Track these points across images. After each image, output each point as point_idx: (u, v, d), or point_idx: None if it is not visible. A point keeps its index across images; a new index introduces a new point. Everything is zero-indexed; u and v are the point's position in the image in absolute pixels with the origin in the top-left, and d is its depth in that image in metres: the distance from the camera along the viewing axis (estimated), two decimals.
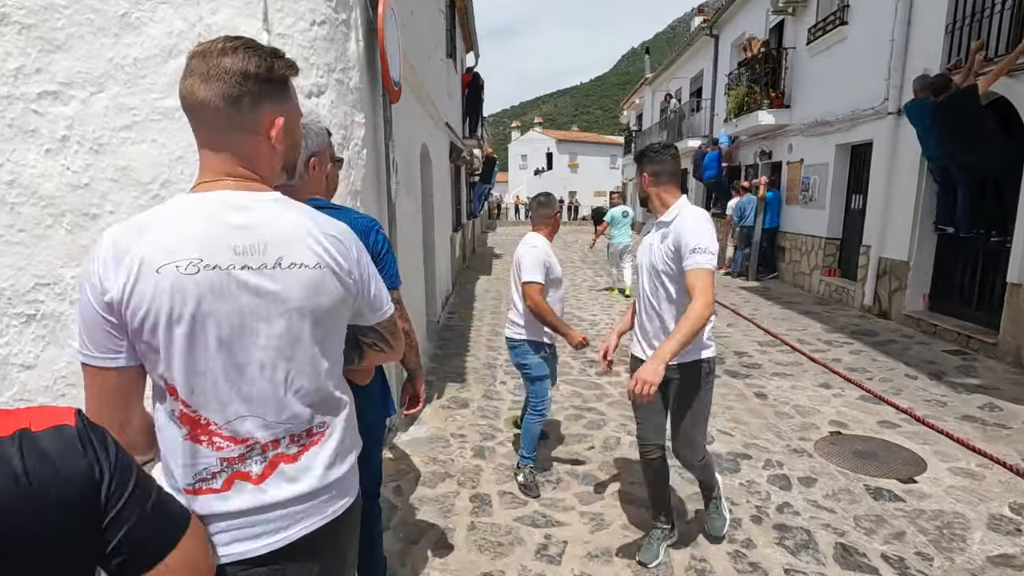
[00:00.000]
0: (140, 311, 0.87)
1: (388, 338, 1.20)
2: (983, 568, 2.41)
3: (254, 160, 0.96)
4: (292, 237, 0.94)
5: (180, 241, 0.88)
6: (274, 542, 0.97)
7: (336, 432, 1.05)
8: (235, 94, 0.90)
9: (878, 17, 7.10)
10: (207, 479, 0.93)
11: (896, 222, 6.89)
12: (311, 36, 2.55)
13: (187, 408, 0.92)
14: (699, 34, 15.13)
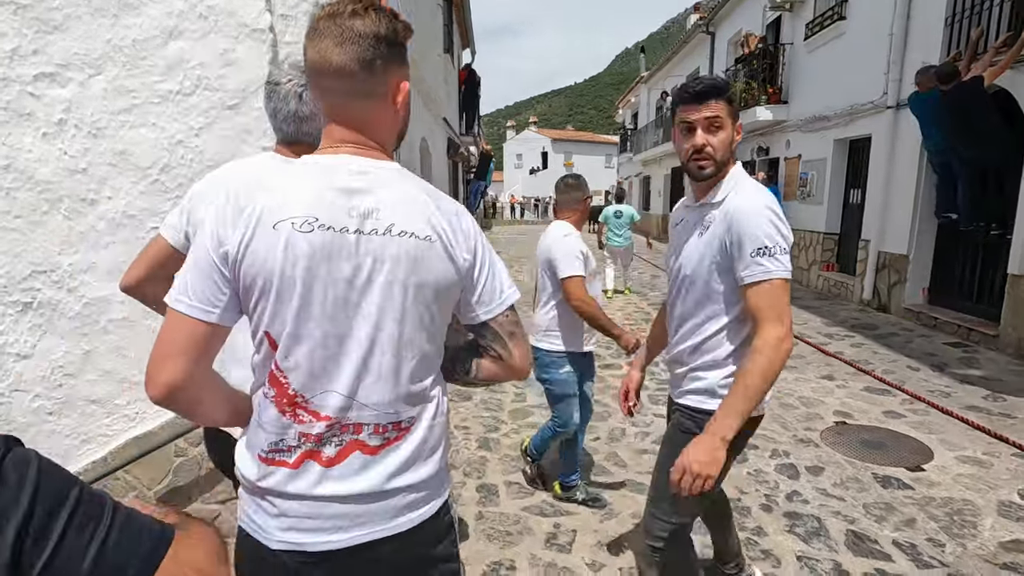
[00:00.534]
0: (255, 265, 0.86)
1: (506, 340, 1.04)
2: (995, 554, 2.40)
3: (377, 127, 0.95)
4: (407, 206, 0.92)
5: (298, 200, 0.87)
6: (331, 541, 0.92)
7: (420, 429, 0.98)
8: (368, 57, 0.88)
9: (877, 11, 7.11)
10: (282, 451, 0.91)
11: (895, 216, 6.89)
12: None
13: (279, 372, 0.90)
14: (695, 31, 15.16)
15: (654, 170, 20.55)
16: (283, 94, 1.28)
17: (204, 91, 2.45)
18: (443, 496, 1.04)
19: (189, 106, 2.45)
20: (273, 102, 1.30)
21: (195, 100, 2.45)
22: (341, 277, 0.87)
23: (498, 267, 1.03)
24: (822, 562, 2.36)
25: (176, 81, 2.40)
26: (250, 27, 2.43)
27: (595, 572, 2.30)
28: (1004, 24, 5.30)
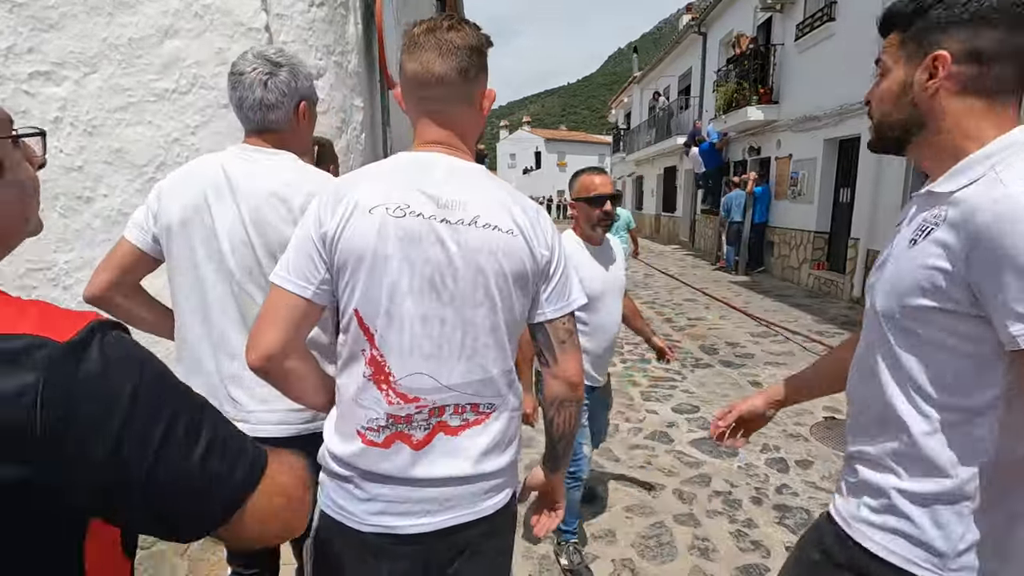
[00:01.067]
0: (350, 245, 0.93)
1: (555, 347, 1.05)
2: None
3: (466, 130, 1.04)
4: (492, 200, 0.98)
5: (392, 189, 0.95)
6: (421, 524, 0.97)
7: (501, 419, 1.02)
8: (464, 67, 0.97)
9: (865, 12, 7.19)
10: (373, 429, 0.96)
11: (884, 215, 6.99)
12: (310, 17, 2.52)
13: (376, 351, 0.95)
14: (687, 32, 15.26)
15: (647, 170, 20.65)
16: (248, 83, 1.27)
17: (200, 89, 2.46)
18: (516, 486, 1.10)
19: (185, 104, 2.47)
20: (238, 91, 1.29)
21: (191, 98, 2.46)
22: (430, 261, 0.93)
23: (571, 270, 1.06)
24: None
25: (172, 79, 2.41)
26: (246, 26, 2.44)
27: (589, 562, 2.33)
28: None
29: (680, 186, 16.69)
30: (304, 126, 1.36)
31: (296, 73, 1.31)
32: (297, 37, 2.52)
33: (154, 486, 0.55)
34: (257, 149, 1.31)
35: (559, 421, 1.09)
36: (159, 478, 0.55)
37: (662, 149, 16.78)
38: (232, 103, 1.33)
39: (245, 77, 1.27)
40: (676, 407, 4.08)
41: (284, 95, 1.28)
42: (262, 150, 1.31)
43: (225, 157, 1.32)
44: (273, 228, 1.24)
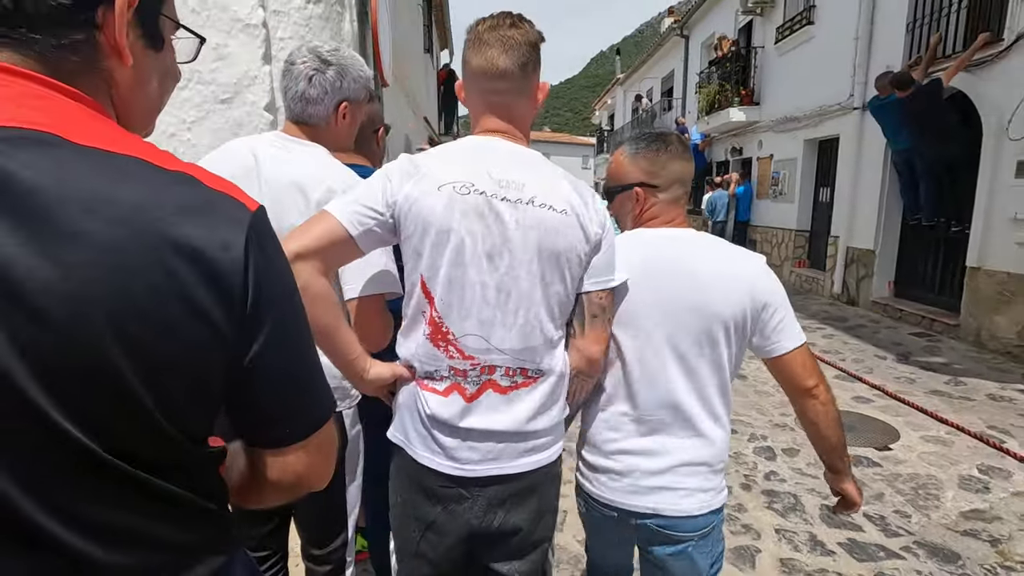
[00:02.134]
0: (419, 219, 1.01)
1: (586, 317, 1.11)
2: (956, 522, 2.57)
3: (523, 120, 1.12)
4: (548, 184, 1.06)
5: (460, 168, 1.04)
6: (466, 468, 1.06)
7: (547, 384, 1.09)
8: (524, 61, 1.05)
9: (843, 16, 7.40)
10: (435, 379, 1.06)
11: (862, 213, 7.18)
12: (307, 14, 2.55)
13: (436, 313, 1.04)
14: (670, 35, 15.46)
15: None
16: (295, 74, 1.33)
17: (197, 85, 2.48)
18: (559, 447, 1.15)
19: (182, 100, 2.48)
20: (286, 80, 1.36)
21: (188, 94, 2.48)
22: (489, 235, 1.01)
23: (615, 252, 1.13)
24: (799, 534, 2.50)
25: None
26: (243, 22, 2.47)
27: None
28: (962, 30, 5.59)
29: None
30: (343, 126, 1.41)
31: (344, 74, 1.35)
32: (294, 33, 2.55)
33: (282, 369, 0.60)
34: (291, 139, 1.36)
35: (572, 389, 1.16)
36: (289, 363, 0.61)
37: None
38: (281, 89, 1.40)
39: (295, 68, 1.34)
40: None
41: (326, 93, 1.34)
42: (296, 140, 1.36)
43: (258, 142, 1.36)
44: (289, 217, 1.27)
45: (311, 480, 0.68)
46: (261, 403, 0.61)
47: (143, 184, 0.52)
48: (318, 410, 0.65)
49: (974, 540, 2.44)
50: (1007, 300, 5.00)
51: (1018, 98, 4.80)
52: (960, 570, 2.25)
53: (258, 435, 0.64)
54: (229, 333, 0.54)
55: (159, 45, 0.62)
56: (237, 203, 0.57)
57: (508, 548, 1.13)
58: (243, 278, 0.54)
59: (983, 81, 5.27)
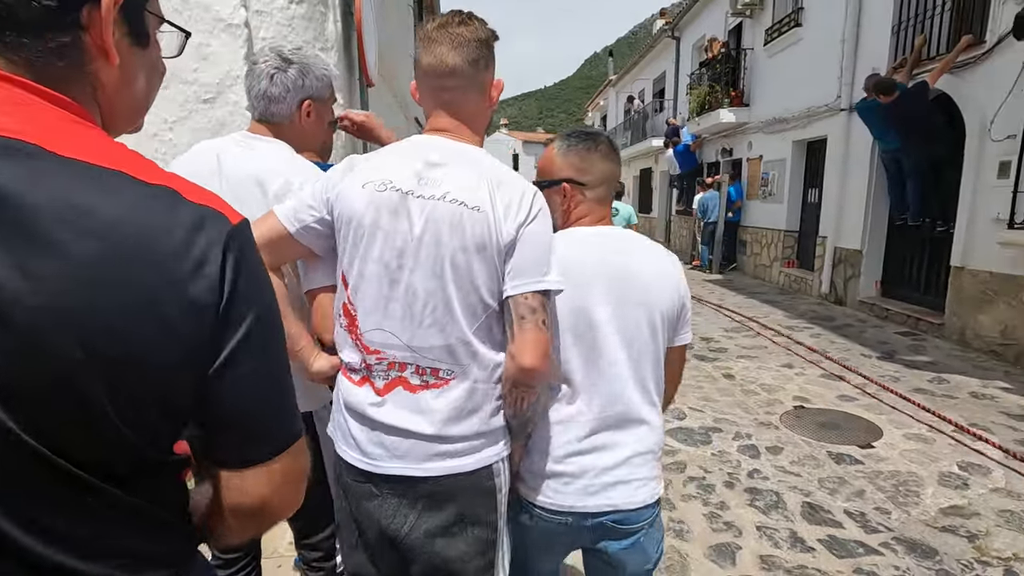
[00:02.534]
0: (343, 215, 1.07)
1: (513, 324, 1.01)
2: (935, 518, 2.60)
3: (475, 117, 1.12)
4: (468, 180, 1.04)
5: (385, 167, 1.07)
6: (374, 464, 1.06)
7: (462, 387, 1.04)
8: (475, 58, 1.06)
9: (830, 19, 7.46)
10: (353, 369, 1.09)
11: (850, 213, 7.24)
12: (289, 14, 2.55)
13: (351, 306, 1.07)
14: (661, 36, 15.52)
15: (623, 172, 20.89)
16: (257, 73, 1.36)
17: (179, 84, 2.47)
18: (483, 456, 1.06)
19: (163, 99, 2.47)
20: (249, 79, 1.38)
21: (169, 93, 2.47)
22: (399, 232, 1.02)
23: (549, 255, 1.04)
24: (779, 531, 2.52)
25: None
26: (226, 21, 2.46)
27: None
28: (945, 32, 5.66)
29: (656, 187, 16.96)
30: (308, 124, 1.42)
31: (306, 72, 1.38)
32: (277, 33, 2.55)
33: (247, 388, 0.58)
34: (255, 136, 1.38)
35: (510, 401, 1.07)
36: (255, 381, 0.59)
37: (638, 151, 17.03)
38: (245, 88, 1.42)
39: (256, 67, 1.36)
40: None
41: (288, 91, 1.36)
42: (259, 137, 1.38)
43: (223, 142, 1.39)
44: (247, 210, 1.28)
45: (275, 506, 0.64)
46: (222, 419, 0.59)
47: (122, 198, 0.51)
48: (284, 432, 0.63)
49: (952, 536, 2.47)
50: (990, 299, 5.05)
51: (1000, 99, 4.85)
52: (938, 565, 2.28)
53: (219, 453, 0.61)
54: (199, 348, 0.54)
55: (145, 42, 0.62)
56: (218, 216, 0.57)
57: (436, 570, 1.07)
58: (217, 295, 0.54)
59: (966, 83, 5.33)
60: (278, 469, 0.62)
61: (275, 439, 0.62)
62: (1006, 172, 4.78)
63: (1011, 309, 4.84)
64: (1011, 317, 4.84)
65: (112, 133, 0.62)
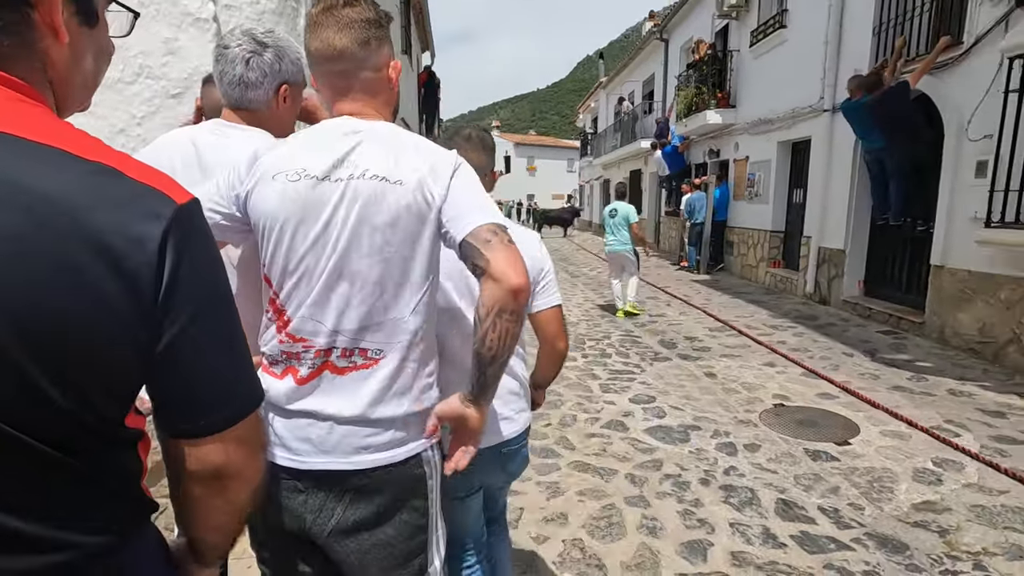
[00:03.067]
0: (256, 209, 1.03)
1: (482, 249, 0.94)
2: (908, 514, 2.60)
3: (376, 96, 1.09)
4: (384, 153, 1.02)
5: (296, 155, 1.03)
6: (298, 460, 1.02)
7: (391, 366, 1.02)
8: (364, 38, 1.03)
9: (813, 21, 7.52)
10: (275, 361, 1.05)
11: (833, 214, 7.29)
12: (259, 8, 2.53)
13: (276, 300, 1.05)
14: (650, 39, 15.60)
15: (614, 173, 20.97)
16: (231, 57, 1.30)
17: (146, 79, 2.45)
18: (413, 446, 1.05)
19: (131, 94, 2.45)
20: (220, 64, 1.31)
21: (137, 88, 2.44)
22: (319, 218, 1.00)
23: (482, 198, 1.03)
24: (752, 527, 2.51)
25: (116, 69, 2.39)
26: (194, 16, 2.44)
27: (540, 544, 2.39)
28: (925, 33, 5.71)
29: (645, 189, 17.01)
30: (284, 109, 1.38)
31: (282, 56, 1.33)
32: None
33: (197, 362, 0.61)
34: (231, 125, 1.33)
35: (493, 336, 0.93)
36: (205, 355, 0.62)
37: (628, 153, 17.09)
38: (214, 75, 1.35)
39: (229, 51, 1.30)
40: (633, 398, 4.18)
41: (265, 75, 1.31)
42: (236, 126, 1.33)
43: (197, 131, 1.35)
44: None
45: (231, 474, 0.68)
46: (174, 393, 0.62)
47: (59, 174, 0.51)
48: (238, 404, 0.66)
49: (924, 531, 2.48)
50: (968, 298, 5.10)
51: (977, 99, 4.91)
52: (908, 560, 2.29)
53: (174, 424, 0.65)
54: (138, 325, 0.55)
55: (93, 21, 0.62)
56: (161, 196, 0.57)
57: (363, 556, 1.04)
58: (155, 272, 0.55)
59: (944, 83, 5.39)
60: (233, 438, 0.66)
61: (228, 412, 0.65)
62: (983, 171, 4.83)
63: (989, 307, 4.89)
64: (989, 315, 4.89)
65: (63, 113, 0.64)
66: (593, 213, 25.80)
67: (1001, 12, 4.72)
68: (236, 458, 0.67)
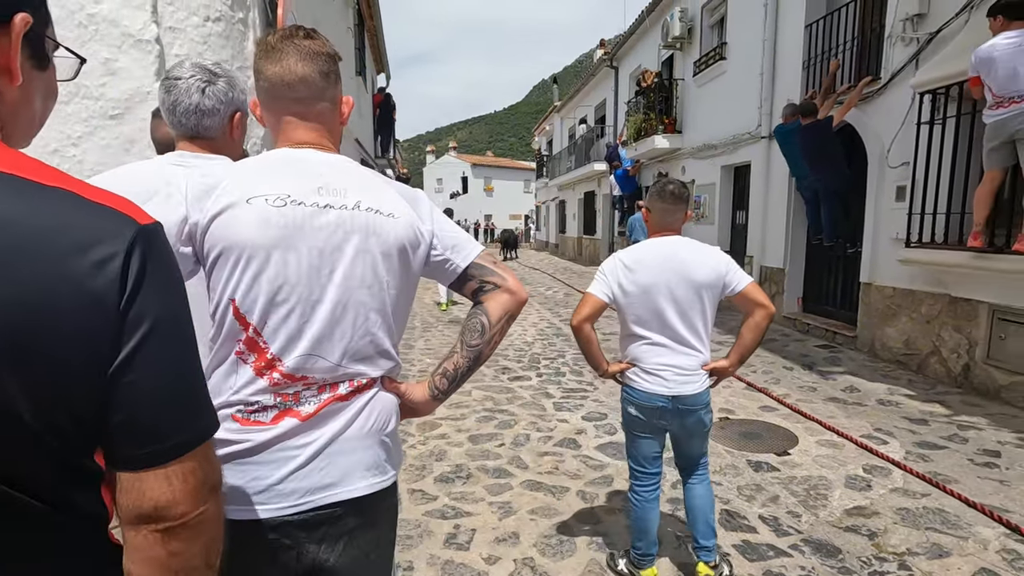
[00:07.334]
0: (224, 238, 0.94)
1: (494, 268, 1.14)
2: (841, 519, 2.75)
3: (331, 129, 1.10)
4: (370, 188, 1.04)
5: (271, 179, 0.98)
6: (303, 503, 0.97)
7: (382, 391, 1.07)
8: (325, 70, 1.05)
9: (750, 54, 8.00)
10: (264, 408, 0.97)
11: (772, 234, 7.68)
12: (205, 32, 2.52)
13: (255, 334, 0.96)
14: (601, 66, 16.16)
15: (569, 195, 21.41)
16: (184, 87, 1.31)
17: (83, 99, 2.38)
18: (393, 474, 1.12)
19: (67, 114, 2.38)
20: (173, 95, 1.32)
21: (72, 108, 2.38)
22: (315, 247, 0.97)
23: (459, 229, 1.15)
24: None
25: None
26: (135, 37, 2.41)
27: (491, 565, 2.39)
28: (848, 68, 6.17)
29: (599, 210, 17.44)
30: (237, 136, 1.42)
31: (233, 85, 1.37)
32: (191, 51, 2.51)
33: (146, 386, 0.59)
34: (192, 155, 1.34)
35: (498, 338, 1.13)
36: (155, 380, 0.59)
37: (582, 175, 17.51)
38: (164, 107, 1.36)
39: (182, 82, 1.32)
40: (586, 415, 4.25)
41: (221, 103, 1.34)
42: (200, 156, 1.34)
43: (161, 164, 1.34)
44: None
45: (176, 515, 0.60)
46: (120, 415, 0.58)
47: (16, 200, 0.53)
48: (185, 434, 0.62)
49: (855, 535, 2.62)
50: (894, 313, 5.46)
51: (895, 129, 5.33)
52: (840, 563, 2.41)
53: (116, 452, 0.60)
54: (100, 345, 0.55)
55: (45, 64, 0.64)
56: (122, 217, 0.58)
57: None
58: (119, 293, 0.55)
59: (867, 115, 5.82)
60: (178, 472, 0.60)
61: (175, 441, 0.61)
62: (902, 196, 5.22)
63: (912, 322, 5.24)
64: (912, 329, 5.24)
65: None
66: (550, 233, 26.16)
67: (912, 51, 5.17)
68: (181, 496, 0.60)
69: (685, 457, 2.30)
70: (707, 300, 2.08)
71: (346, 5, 8.16)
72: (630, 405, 2.18)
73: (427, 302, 9.87)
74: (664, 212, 2.18)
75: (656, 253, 2.12)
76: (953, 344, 4.81)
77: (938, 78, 4.56)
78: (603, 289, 2.17)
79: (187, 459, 0.61)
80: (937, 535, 2.59)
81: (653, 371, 2.11)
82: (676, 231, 2.20)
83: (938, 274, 4.79)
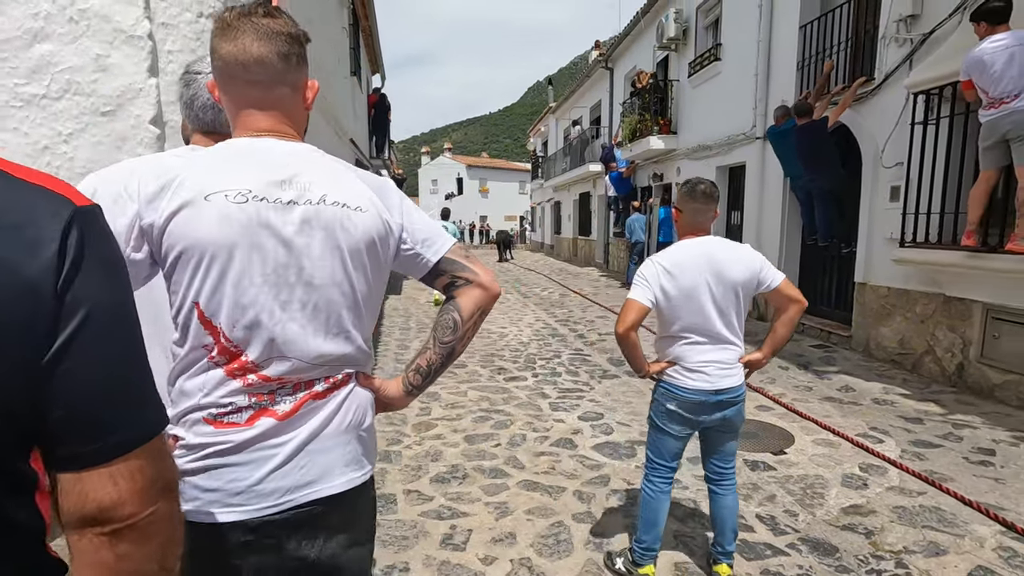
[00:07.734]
0: (182, 237, 0.88)
1: (466, 263, 1.11)
2: (837, 518, 2.75)
3: (293, 116, 1.03)
4: (336, 180, 0.99)
5: (230, 172, 0.92)
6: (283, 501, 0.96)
7: (357, 387, 1.06)
8: (285, 52, 0.97)
9: (744, 55, 8.03)
10: (237, 409, 0.93)
11: (767, 234, 7.70)
12: (198, 28, 2.50)
13: (227, 342, 0.92)
14: (596, 67, 16.18)
15: (564, 196, 21.42)
16: (203, 82, 1.28)
17: (74, 96, 2.35)
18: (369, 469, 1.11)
19: (57, 111, 2.34)
20: (192, 89, 1.30)
21: (64, 105, 2.34)
22: (281, 244, 0.92)
23: (430, 222, 1.12)
24: (695, 538, 2.59)
25: (42, 85, 2.29)
26: (127, 33, 2.38)
27: (487, 565, 2.37)
28: (842, 69, 6.20)
29: (594, 211, 17.46)
30: None
31: None
32: (184, 47, 2.48)
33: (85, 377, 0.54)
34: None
35: (471, 334, 1.12)
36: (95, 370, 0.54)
37: (577, 176, 17.53)
38: (182, 101, 1.33)
39: (202, 76, 1.29)
40: (582, 415, 4.24)
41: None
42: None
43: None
44: None
45: (118, 515, 0.55)
46: (56, 409, 0.52)
47: None
48: (129, 430, 0.56)
49: (851, 533, 2.62)
50: (888, 312, 5.48)
51: (889, 130, 5.35)
52: (837, 562, 2.40)
53: (56, 451, 0.55)
54: (35, 332, 0.51)
55: None
56: (57, 197, 0.53)
57: None
58: (55, 277, 0.51)
59: (861, 116, 5.85)
60: (123, 471, 0.55)
61: (118, 437, 0.56)
62: (896, 196, 5.24)
63: (906, 321, 5.26)
64: (907, 329, 5.26)
65: None
66: (545, 235, 26.17)
67: (906, 52, 5.20)
68: (128, 496, 0.55)
69: (719, 455, 2.36)
70: (742, 297, 2.13)
71: (341, 5, 8.13)
72: (670, 401, 2.24)
73: (422, 302, 9.84)
74: (696, 212, 2.17)
75: (694, 254, 2.13)
76: (947, 343, 4.83)
77: (932, 79, 4.59)
78: (646, 295, 2.17)
79: (133, 456, 0.56)
80: (933, 533, 2.59)
81: (696, 368, 2.15)
82: (707, 231, 2.20)
83: (932, 274, 4.81)
